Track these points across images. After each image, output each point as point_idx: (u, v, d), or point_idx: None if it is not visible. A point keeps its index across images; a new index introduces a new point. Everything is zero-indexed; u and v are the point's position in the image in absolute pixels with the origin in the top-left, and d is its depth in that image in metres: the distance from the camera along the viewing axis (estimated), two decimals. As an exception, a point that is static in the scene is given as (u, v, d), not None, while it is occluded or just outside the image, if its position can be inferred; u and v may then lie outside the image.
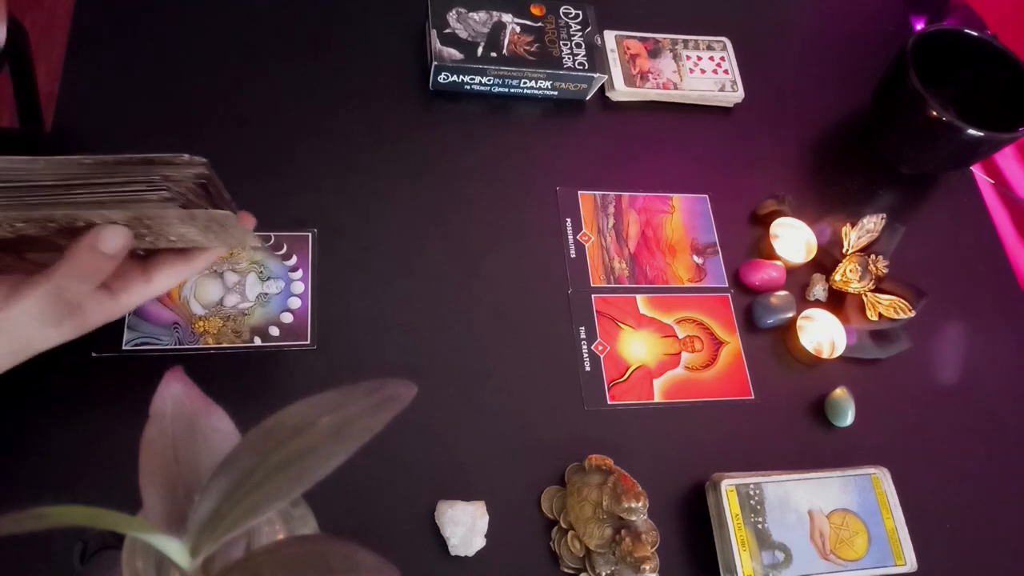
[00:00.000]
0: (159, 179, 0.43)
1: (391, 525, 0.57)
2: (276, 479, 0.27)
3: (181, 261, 0.50)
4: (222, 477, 0.28)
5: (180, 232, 0.46)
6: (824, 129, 0.86)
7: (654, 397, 0.66)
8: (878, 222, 0.76)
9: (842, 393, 0.69)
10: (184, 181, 0.44)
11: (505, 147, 0.76)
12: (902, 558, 0.60)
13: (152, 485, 0.30)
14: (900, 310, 0.72)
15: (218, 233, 0.48)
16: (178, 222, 0.44)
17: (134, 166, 0.43)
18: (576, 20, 0.79)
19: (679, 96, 0.82)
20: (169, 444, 0.32)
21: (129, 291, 0.48)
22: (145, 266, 0.49)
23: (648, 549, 0.56)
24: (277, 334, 0.62)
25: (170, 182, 0.43)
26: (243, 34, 0.75)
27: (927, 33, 0.78)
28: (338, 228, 0.68)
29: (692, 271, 0.73)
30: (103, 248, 0.43)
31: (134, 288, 0.48)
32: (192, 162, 0.45)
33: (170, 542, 0.27)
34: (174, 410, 0.33)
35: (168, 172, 0.44)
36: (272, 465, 0.28)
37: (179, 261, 0.49)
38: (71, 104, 0.68)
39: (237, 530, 0.27)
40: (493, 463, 0.61)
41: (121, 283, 0.48)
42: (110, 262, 0.44)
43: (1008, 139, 0.74)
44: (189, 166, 0.44)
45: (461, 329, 0.66)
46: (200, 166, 0.45)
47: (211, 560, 0.29)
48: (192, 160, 0.44)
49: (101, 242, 0.43)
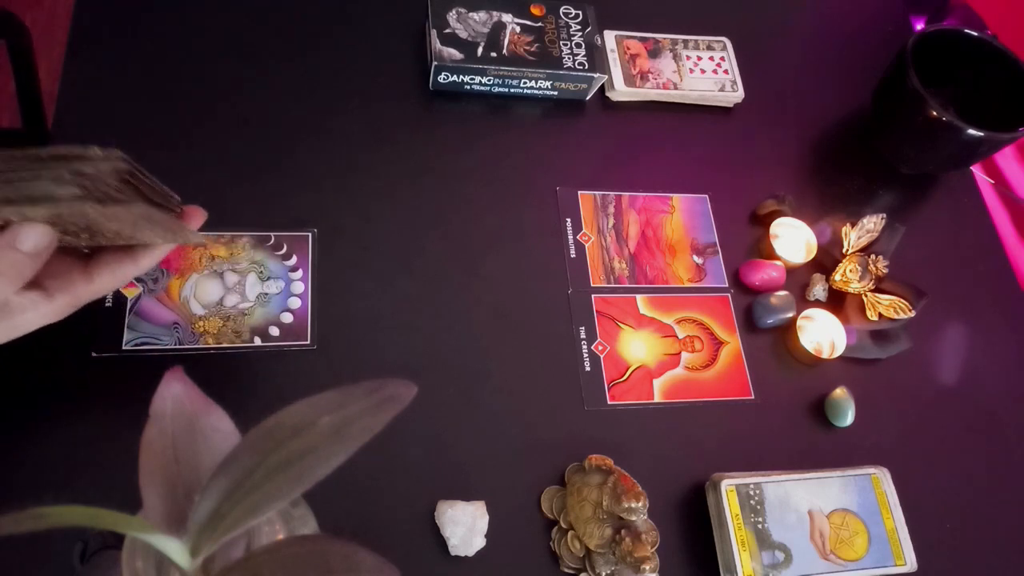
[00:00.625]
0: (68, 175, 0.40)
1: (391, 525, 0.57)
2: (276, 479, 0.27)
3: (127, 259, 0.48)
4: (222, 477, 0.28)
5: (113, 229, 0.44)
6: (824, 129, 0.86)
7: (654, 397, 0.66)
8: (878, 222, 0.76)
9: (842, 393, 0.69)
10: (102, 176, 0.41)
11: (505, 147, 0.76)
12: (902, 558, 0.60)
13: (152, 485, 0.30)
14: (900, 310, 0.72)
15: (154, 229, 0.46)
16: (103, 220, 0.42)
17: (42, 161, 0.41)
18: (576, 20, 0.79)
19: (679, 96, 0.82)
20: (169, 444, 0.32)
21: (68, 291, 0.46)
22: (87, 266, 0.47)
23: (648, 549, 0.56)
24: (277, 334, 0.62)
25: (85, 178, 0.40)
26: (243, 34, 0.75)
27: (927, 33, 0.78)
28: (338, 228, 0.68)
29: (692, 271, 0.73)
30: (22, 247, 0.41)
31: (74, 288, 0.46)
32: (107, 156, 0.41)
33: (170, 542, 0.27)
34: (174, 410, 0.33)
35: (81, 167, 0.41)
36: (272, 465, 0.28)
37: (124, 259, 0.47)
38: (71, 104, 0.68)
39: (237, 530, 0.27)
40: (493, 463, 0.61)
41: (59, 283, 0.45)
42: (32, 260, 0.42)
43: (1008, 139, 0.74)
44: (104, 160, 0.41)
45: (461, 329, 0.66)
46: (116, 160, 0.42)
47: (211, 560, 0.29)
48: (107, 154, 0.41)
49: (20, 240, 0.41)
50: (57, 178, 0.40)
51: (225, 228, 0.65)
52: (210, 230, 0.65)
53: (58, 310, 0.46)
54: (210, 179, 0.67)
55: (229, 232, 0.65)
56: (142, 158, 0.68)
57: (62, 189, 0.40)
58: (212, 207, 0.66)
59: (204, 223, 0.65)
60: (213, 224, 0.65)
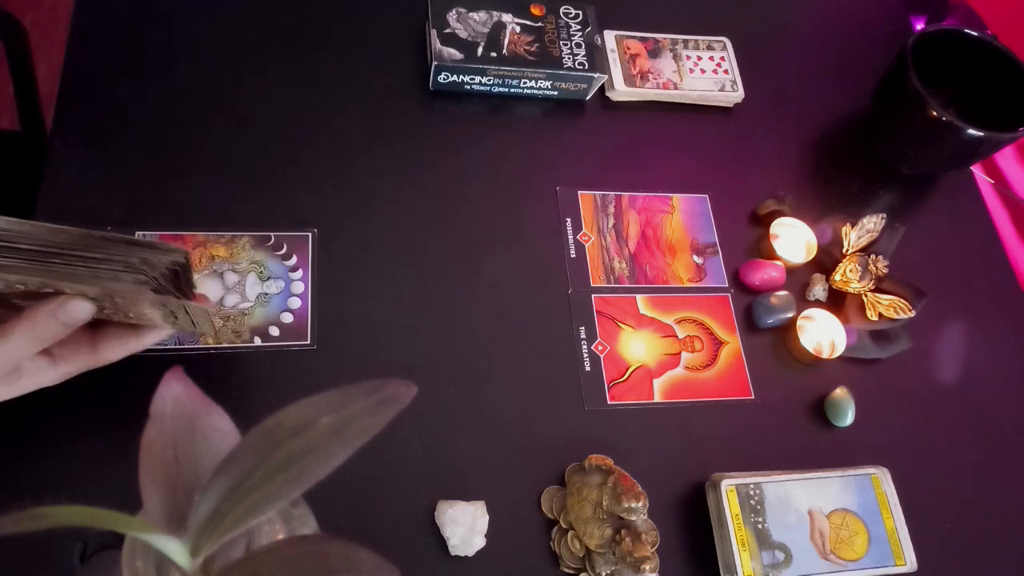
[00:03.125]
0: (138, 262, 0.42)
1: (391, 525, 0.57)
2: (276, 479, 0.27)
3: (132, 336, 0.49)
4: (222, 477, 0.28)
5: (143, 312, 0.46)
6: (824, 129, 0.86)
7: (654, 397, 0.66)
8: (878, 222, 0.76)
9: (842, 393, 0.69)
10: (159, 266, 0.43)
11: (505, 147, 0.76)
12: (902, 558, 0.60)
13: (152, 485, 0.30)
14: (900, 310, 0.72)
15: (178, 319, 0.48)
16: (147, 304, 0.44)
17: (116, 244, 0.43)
18: (576, 20, 0.79)
19: (679, 96, 0.82)
20: (169, 444, 0.32)
21: (71, 361, 0.47)
22: (94, 337, 0.48)
23: (648, 549, 0.56)
24: (277, 334, 0.62)
25: (147, 266, 0.43)
26: (243, 34, 0.75)
27: (927, 33, 0.78)
28: (338, 228, 0.68)
29: (692, 271, 0.73)
30: (65, 319, 0.42)
31: (78, 358, 0.47)
32: (172, 250, 0.44)
33: (170, 542, 0.27)
34: (174, 410, 0.33)
35: (147, 255, 0.43)
36: (272, 465, 0.28)
37: (130, 336, 0.49)
38: (71, 104, 0.68)
39: (237, 530, 0.27)
40: (493, 463, 0.61)
41: (65, 351, 0.46)
42: (64, 331, 0.43)
43: (1008, 139, 0.74)
44: (168, 253, 0.44)
45: (461, 329, 0.66)
46: (178, 254, 0.45)
47: (211, 560, 0.29)
48: (173, 249, 0.44)
49: (65, 313, 0.42)
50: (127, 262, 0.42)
51: (225, 228, 0.65)
52: (210, 230, 0.65)
53: (59, 376, 0.47)
54: (210, 179, 0.67)
55: (229, 232, 0.65)
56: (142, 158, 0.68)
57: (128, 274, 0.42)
58: (212, 207, 0.66)
59: (204, 223, 0.65)
60: (213, 224, 0.65)
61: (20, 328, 0.42)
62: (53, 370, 0.46)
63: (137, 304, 0.44)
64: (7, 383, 0.45)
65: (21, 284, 0.41)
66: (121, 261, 0.42)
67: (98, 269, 0.42)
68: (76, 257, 0.42)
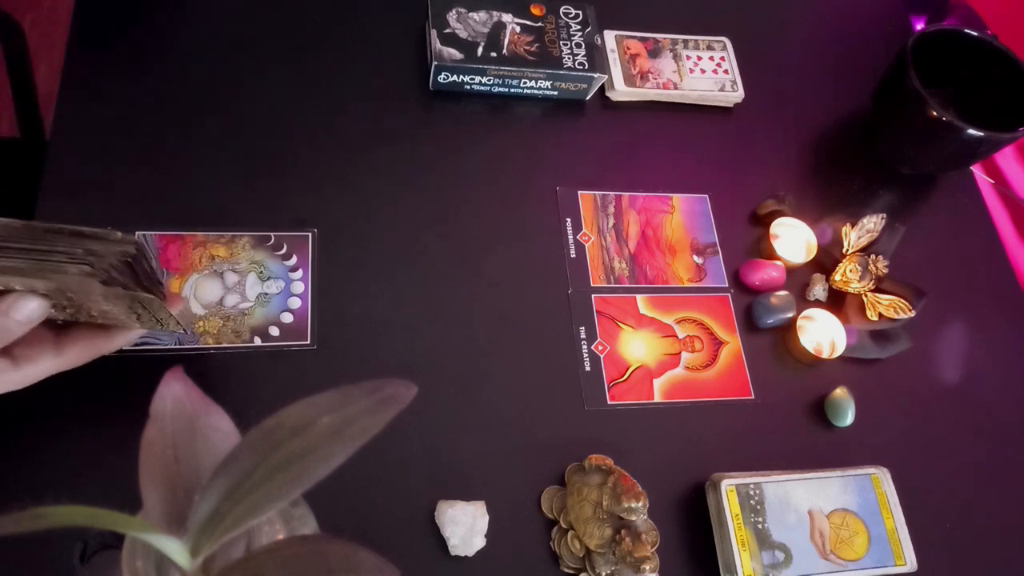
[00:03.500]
0: (82, 252, 0.41)
1: (391, 525, 0.57)
2: (276, 479, 0.27)
3: (100, 337, 0.48)
4: (222, 477, 0.28)
5: (103, 309, 0.44)
6: (824, 129, 0.86)
7: (654, 397, 0.66)
8: (878, 222, 0.76)
9: (842, 393, 0.69)
10: (108, 257, 0.42)
11: (505, 147, 0.76)
12: (902, 558, 0.60)
13: (152, 485, 0.30)
14: (900, 310, 0.72)
15: (141, 314, 0.47)
16: (102, 299, 0.42)
17: (61, 236, 0.42)
18: (576, 20, 0.79)
19: (679, 96, 0.82)
20: (169, 444, 0.32)
21: (35, 362, 0.45)
22: (59, 338, 0.46)
23: (648, 549, 0.56)
24: (277, 334, 0.62)
25: (93, 256, 0.41)
26: (243, 34, 0.75)
27: (927, 33, 0.78)
28: (338, 228, 0.68)
29: (692, 271, 0.73)
30: (17, 316, 0.41)
31: (41, 359, 0.46)
32: (122, 240, 0.43)
33: (170, 542, 0.27)
34: (174, 410, 0.33)
35: (94, 246, 0.42)
36: (272, 465, 0.28)
37: (97, 336, 0.48)
38: (71, 105, 0.68)
39: (237, 530, 0.27)
40: (493, 463, 0.61)
41: (28, 352, 0.45)
42: (19, 329, 0.42)
43: (1008, 139, 0.74)
44: (118, 243, 0.43)
45: (461, 329, 0.66)
46: (129, 244, 0.43)
47: (211, 560, 0.29)
48: (123, 238, 0.43)
49: (17, 310, 0.41)
50: (70, 253, 0.41)
51: (225, 228, 0.65)
52: (210, 230, 0.65)
53: (22, 379, 0.46)
54: (210, 179, 0.67)
55: (229, 232, 0.65)
56: (142, 159, 0.68)
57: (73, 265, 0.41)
58: (212, 207, 0.66)
59: (204, 223, 0.65)
60: (213, 224, 0.65)
61: None
62: (15, 372, 0.45)
63: (91, 299, 0.42)
64: None
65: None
66: (65, 252, 0.41)
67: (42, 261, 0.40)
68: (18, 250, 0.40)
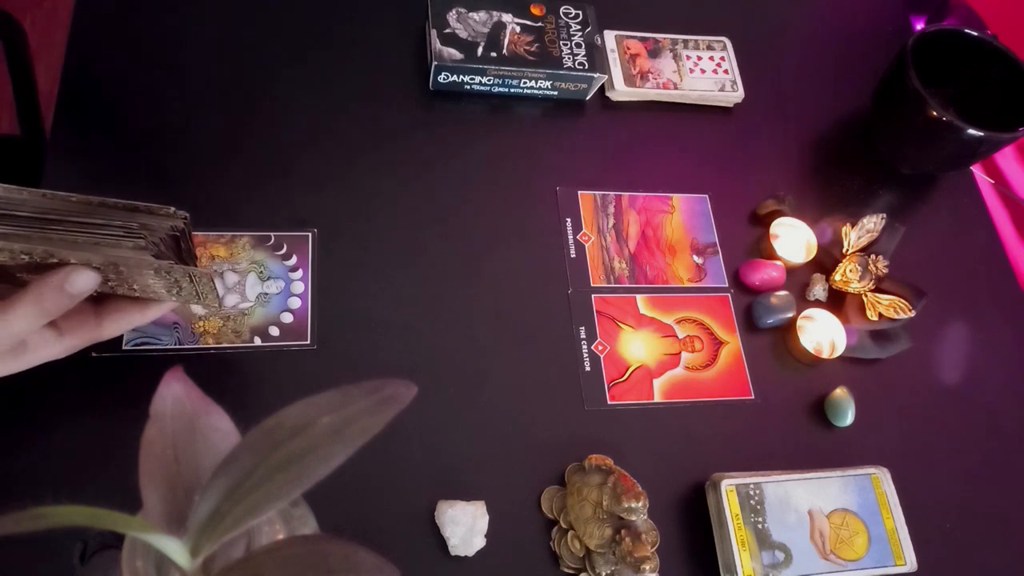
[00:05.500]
0: (136, 226, 0.42)
1: (391, 525, 0.57)
2: (276, 479, 0.27)
3: (136, 309, 0.48)
4: (222, 477, 0.28)
5: (147, 283, 0.45)
6: (824, 129, 0.86)
7: (654, 397, 0.66)
8: (878, 222, 0.76)
9: (842, 393, 0.69)
10: (159, 231, 0.43)
11: (505, 147, 0.76)
12: (902, 558, 0.60)
13: (152, 485, 0.30)
14: (900, 310, 0.72)
15: (182, 289, 0.47)
16: (152, 272, 0.43)
17: (116, 210, 0.43)
18: (576, 20, 0.79)
19: (679, 96, 0.82)
20: (169, 444, 0.32)
21: (77, 333, 0.47)
22: (98, 310, 0.48)
23: (648, 549, 0.56)
24: (277, 334, 0.62)
25: (147, 231, 0.42)
26: (243, 34, 0.75)
27: (927, 33, 0.78)
28: (338, 228, 0.68)
29: (692, 271, 0.73)
30: (71, 290, 0.42)
31: (82, 331, 0.47)
32: (174, 214, 0.44)
33: (170, 542, 0.27)
34: (174, 410, 0.33)
35: (146, 220, 0.43)
36: (272, 465, 0.28)
37: (134, 309, 0.48)
38: (71, 105, 0.68)
39: (237, 530, 0.27)
40: (493, 463, 0.61)
41: (70, 324, 0.46)
42: (71, 303, 0.43)
43: (1008, 139, 0.74)
44: (169, 218, 0.44)
45: (461, 329, 0.66)
46: (179, 218, 0.44)
47: (211, 560, 0.29)
48: (174, 212, 0.44)
49: (72, 284, 0.42)
50: (127, 227, 0.42)
51: (225, 228, 0.65)
52: (210, 230, 0.65)
53: (65, 349, 0.47)
54: (210, 179, 0.67)
55: (229, 232, 0.65)
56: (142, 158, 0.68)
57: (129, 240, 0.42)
58: (212, 207, 0.66)
59: (204, 223, 0.65)
60: (213, 224, 0.65)
61: (26, 300, 0.42)
62: (59, 343, 0.46)
63: (141, 272, 0.43)
64: (13, 357, 0.45)
65: (26, 255, 0.41)
66: (121, 227, 0.42)
67: (99, 236, 0.42)
68: (76, 224, 0.42)
